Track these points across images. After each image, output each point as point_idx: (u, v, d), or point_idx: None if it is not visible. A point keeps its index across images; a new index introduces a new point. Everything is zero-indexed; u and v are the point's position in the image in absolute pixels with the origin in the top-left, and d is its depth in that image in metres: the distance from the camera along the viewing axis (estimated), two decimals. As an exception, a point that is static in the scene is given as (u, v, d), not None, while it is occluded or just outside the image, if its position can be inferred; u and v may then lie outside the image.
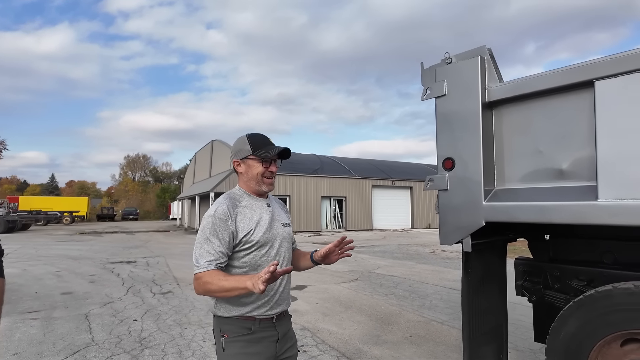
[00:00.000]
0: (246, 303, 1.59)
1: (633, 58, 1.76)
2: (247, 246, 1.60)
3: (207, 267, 1.50)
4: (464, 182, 2.35)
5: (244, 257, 1.61)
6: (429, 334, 4.41)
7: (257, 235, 1.61)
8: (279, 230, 1.71)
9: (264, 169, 1.67)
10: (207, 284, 1.47)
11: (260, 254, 1.63)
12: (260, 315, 1.61)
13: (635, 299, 1.88)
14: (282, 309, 1.69)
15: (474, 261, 2.48)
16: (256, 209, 1.67)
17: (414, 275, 8.38)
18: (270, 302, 1.64)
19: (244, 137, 1.70)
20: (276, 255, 1.67)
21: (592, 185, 1.88)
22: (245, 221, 1.61)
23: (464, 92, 2.34)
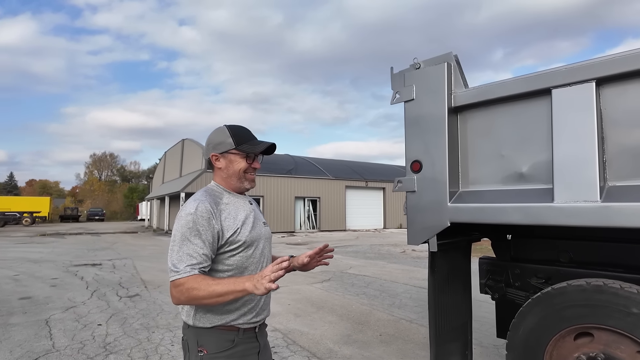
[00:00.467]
0: (231, 310, 1.45)
1: (585, 69, 1.87)
2: (233, 247, 1.46)
3: (190, 272, 1.33)
4: (431, 184, 2.42)
5: (230, 259, 1.47)
6: (398, 333, 4.50)
7: (244, 234, 1.49)
8: (262, 229, 1.61)
9: (247, 165, 1.54)
10: (192, 291, 1.30)
11: (246, 255, 1.50)
12: (244, 324, 1.48)
13: (586, 295, 1.99)
14: (265, 315, 1.58)
15: (439, 260, 2.55)
16: (239, 206, 1.55)
17: (385, 274, 8.51)
18: (256, 308, 1.52)
19: (224, 129, 1.55)
20: (261, 256, 1.57)
21: (549, 187, 1.99)
22: (230, 220, 1.48)
23: (431, 97, 2.41)
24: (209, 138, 1.58)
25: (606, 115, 1.86)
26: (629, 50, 1.80)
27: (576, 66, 1.91)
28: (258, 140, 1.58)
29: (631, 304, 1.85)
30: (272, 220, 22.30)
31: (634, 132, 1.80)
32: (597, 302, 1.95)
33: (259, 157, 1.59)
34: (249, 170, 1.55)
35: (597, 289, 1.96)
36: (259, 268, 1.54)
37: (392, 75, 2.63)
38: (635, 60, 1.75)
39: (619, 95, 1.83)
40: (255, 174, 1.59)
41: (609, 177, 1.85)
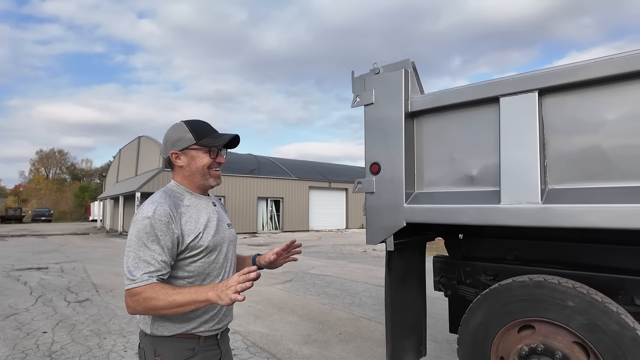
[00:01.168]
0: (192, 318, 1.38)
1: (529, 79, 2.01)
2: (194, 252, 1.38)
3: (147, 280, 1.25)
4: (388, 185, 2.49)
5: (190, 266, 1.39)
6: (357, 331, 4.58)
7: (206, 239, 1.40)
8: (226, 232, 1.52)
9: (211, 160, 1.46)
10: (150, 300, 1.23)
11: (209, 261, 1.42)
12: (206, 332, 1.41)
13: (529, 290, 2.14)
14: (228, 321, 1.52)
15: (396, 259, 2.64)
16: (202, 208, 1.46)
17: (346, 274, 8.64)
18: (218, 315, 1.45)
19: (182, 125, 1.47)
20: (224, 261, 1.49)
21: (496, 190, 2.11)
22: (191, 223, 1.39)
23: (389, 102, 2.49)
24: (167, 135, 1.49)
25: (547, 123, 2.00)
26: (568, 64, 1.95)
27: (521, 76, 2.05)
28: (220, 133, 1.50)
29: (567, 297, 2.00)
30: (234, 221, 21.83)
31: (571, 139, 1.95)
32: (538, 296, 2.09)
33: (222, 151, 1.51)
34: (213, 166, 1.47)
35: (538, 284, 2.11)
36: (223, 273, 1.48)
37: (353, 79, 2.68)
38: (573, 73, 1.90)
39: (559, 105, 1.98)
40: (220, 170, 1.51)
41: (549, 180, 1.99)
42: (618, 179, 1.82)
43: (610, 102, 1.84)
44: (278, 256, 1.61)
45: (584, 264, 2.41)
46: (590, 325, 1.92)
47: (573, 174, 1.93)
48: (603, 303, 1.92)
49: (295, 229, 24.95)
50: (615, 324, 1.87)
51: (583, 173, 1.90)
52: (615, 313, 1.88)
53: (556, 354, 2.00)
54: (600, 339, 1.90)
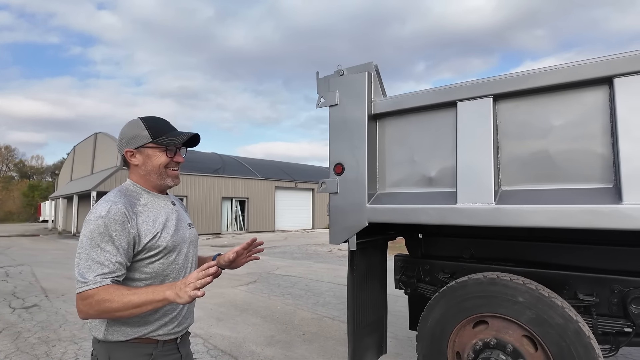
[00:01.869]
0: (149, 321, 1.33)
1: (485, 85, 2.11)
2: (152, 253, 1.33)
3: (101, 282, 1.19)
4: (352, 186, 2.52)
5: (148, 267, 1.34)
6: (321, 330, 4.60)
7: (165, 239, 1.36)
8: (186, 232, 1.48)
9: (168, 159, 1.41)
10: (103, 303, 1.17)
11: (168, 262, 1.37)
12: (164, 335, 1.36)
13: (483, 287, 2.24)
14: (188, 323, 1.47)
15: (358, 259, 2.68)
16: (160, 207, 1.42)
17: (311, 274, 8.65)
18: (178, 317, 1.40)
19: (138, 121, 1.41)
20: (185, 262, 1.44)
21: (453, 191, 2.19)
22: (148, 223, 1.34)
23: (353, 103, 2.52)
24: (122, 132, 1.43)
25: (501, 127, 2.10)
26: (521, 72, 2.06)
27: (477, 82, 2.14)
28: (178, 131, 1.45)
29: (518, 293, 2.11)
30: (196, 221, 21.37)
31: (522, 143, 2.06)
32: (491, 293, 2.19)
33: (181, 149, 1.46)
34: (170, 165, 1.42)
35: (491, 281, 2.21)
36: (183, 274, 1.44)
37: (318, 80, 2.69)
38: (525, 80, 2.01)
39: (512, 110, 2.09)
40: (178, 169, 1.46)
41: (502, 182, 2.10)
42: (563, 182, 1.95)
43: (557, 109, 1.96)
44: (238, 255, 1.58)
45: (533, 261, 2.55)
46: (538, 319, 2.04)
47: (523, 177, 2.04)
48: (549, 298, 2.04)
49: (260, 230, 24.69)
50: (560, 317, 1.99)
51: (532, 175, 2.02)
52: (560, 307, 2.01)
53: (507, 347, 2.11)
54: (546, 332, 2.01)
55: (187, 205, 21.17)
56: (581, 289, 2.29)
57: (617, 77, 1.77)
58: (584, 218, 1.79)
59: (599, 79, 1.82)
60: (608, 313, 2.25)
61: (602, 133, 1.84)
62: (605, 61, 1.79)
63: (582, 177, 1.90)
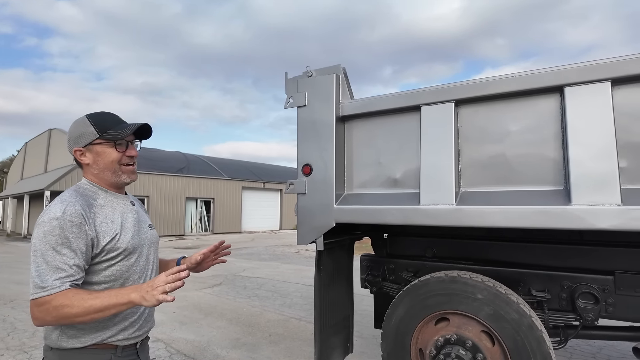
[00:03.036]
0: (108, 326, 1.27)
1: (446, 90, 2.19)
2: (111, 255, 1.28)
3: (59, 287, 1.13)
4: (319, 186, 2.54)
5: (107, 270, 1.28)
6: (287, 332, 4.59)
7: (124, 241, 1.31)
8: (147, 233, 1.43)
9: (119, 154, 1.34)
10: (62, 309, 1.12)
11: (128, 264, 1.32)
12: (124, 340, 1.31)
13: (445, 285, 2.32)
14: (149, 327, 1.42)
15: (325, 259, 2.69)
16: (117, 207, 1.36)
17: (278, 275, 8.60)
18: (139, 321, 1.34)
19: (84, 119, 1.35)
20: (146, 265, 1.40)
21: (417, 192, 2.26)
22: (106, 224, 1.29)
23: (321, 105, 2.54)
24: (69, 131, 1.37)
25: (462, 131, 2.19)
26: (480, 78, 2.16)
27: (440, 87, 2.22)
28: (127, 124, 1.39)
29: (477, 291, 2.21)
30: (159, 222, 20.66)
31: (482, 146, 2.16)
32: (452, 290, 2.28)
33: (134, 143, 1.40)
34: (124, 160, 1.36)
35: (452, 279, 2.30)
36: (144, 277, 1.40)
37: (286, 80, 2.69)
38: (484, 87, 2.11)
39: (472, 115, 2.18)
40: (134, 164, 1.40)
41: (462, 184, 2.18)
42: (519, 184, 2.05)
43: (514, 114, 2.06)
44: (205, 257, 1.54)
45: (491, 259, 2.67)
46: (495, 315, 2.14)
47: (482, 179, 2.13)
48: (506, 294, 2.15)
49: (227, 231, 24.25)
50: (515, 312, 2.10)
51: (490, 178, 2.11)
52: (515, 303, 2.12)
53: (467, 342, 2.19)
54: (503, 327, 2.12)
55: (148, 206, 20.43)
56: (535, 286, 2.43)
57: (567, 87, 1.89)
58: (537, 218, 1.90)
59: (551, 88, 1.94)
60: (558, 308, 2.39)
61: (554, 138, 1.96)
62: (556, 71, 1.91)
63: (536, 180, 2.01)
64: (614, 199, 1.75)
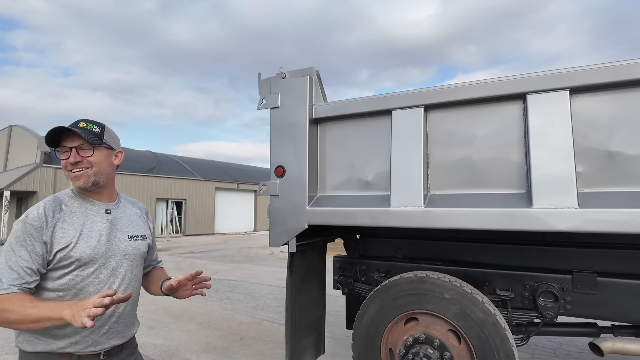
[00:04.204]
0: (59, 336, 1.25)
1: (416, 95, 2.24)
2: (63, 264, 1.25)
3: (7, 290, 1.14)
4: (292, 188, 2.54)
5: (60, 279, 1.26)
6: (260, 334, 4.55)
7: (79, 250, 1.27)
8: (121, 244, 1.39)
9: (63, 160, 1.34)
10: (2, 313, 1.12)
11: (82, 275, 1.28)
12: (79, 352, 1.27)
13: (414, 285, 2.36)
14: (114, 343, 1.35)
15: (298, 261, 2.70)
16: (88, 215, 1.34)
17: (252, 277, 8.52)
18: (93, 336, 1.30)
19: None
20: (110, 277, 1.34)
21: (387, 194, 2.30)
22: (67, 231, 1.27)
23: (294, 107, 2.54)
24: None
25: (431, 135, 2.25)
26: (449, 84, 2.22)
27: (410, 92, 2.27)
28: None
29: (444, 290, 2.27)
30: (128, 223, 19.98)
31: (450, 150, 2.22)
32: (421, 290, 2.33)
33: (80, 150, 1.34)
34: (68, 167, 1.35)
35: (421, 279, 2.35)
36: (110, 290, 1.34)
37: (260, 81, 2.68)
38: (452, 92, 2.17)
39: (441, 120, 2.24)
40: (81, 170, 1.33)
41: (431, 186, 2.24)
42: (485, 187, 2.13)
43: (481, 120, 2.14)
44: (181, 285, 1.47)
45: (459, 260, 2.75)
46: (462, 314, 2.20)
47: (450, 182, 2.20)
48: (472, 294, 2.22)
49: (199, 232, 23.79)
50: (480, 311, 2.17)
51: (458, 181, 2.18)
52: (480, 302, 2.19)
53: (434, 341, 2.25)
54: (469, 326, 2.18)
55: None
56: (499, 285, 2.52)
57: (529, 94, 1.97)
58: (501, 220, 1.97)
59: (515, 95, 2.02)
60: (521, 306, 2.49)
61: (517, 143, 2.04)
62: (520, 79, 2.00)
63: (501, 183, 2.09)
64: (571, 202, 1.85)
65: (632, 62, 1.80)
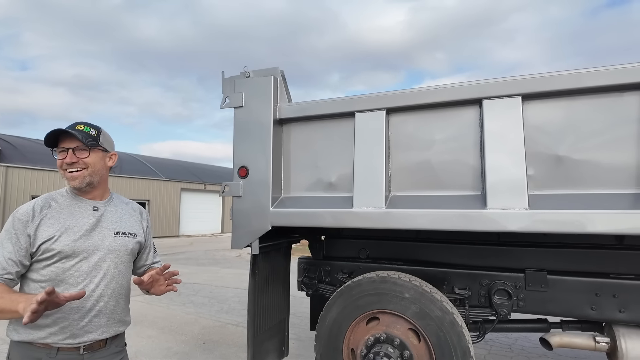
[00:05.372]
0: (40, 326, 1.30)
1: (379, 98, 2.28)
2: (46, 256, 1.34)
3: None
4: (256, 189, 2.51)
5: (44, 269, 1.34)
6: (223, 338, 4.46)
7: (62, 243, 1.35)
8: (105, 240, 1.45)
9: (59, 160, 1.42)
10: None
11: (64, 267, 1.35)
12: (58, 343, 1.32)
13: (376, 285, 2.40)
14: (94, 337, 1.39)
15: (261, 263, 2.67)
16: (74, 211, 1.42)
17: (217, 280, 8.34)
18: (71, 328, 1.34)
19: None
20: (92, 271, 1.39)
21: (350, 196, 2.32)
22: (49, 225, 1.36)
23: (258, 106, 2.52)
24: None
25: (392, 138, 2.29)
26: (410, 89, 2.27)
27: (373, 95, 2.30)
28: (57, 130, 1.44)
29: (405, 290, 2.31)
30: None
31: (410, 153, 2.27)
32: (382, 290, 2.36)
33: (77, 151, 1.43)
34: (64, 167, 1.42)
35: (382, 279, 2.38)
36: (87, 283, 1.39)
37: (223, 79, 2.63)
38: (412, 97, 2.22)
39: (402, 123, 2.29)
40: (73, 170, 1.42)
41: (392, 188, 2.28)
42: (443, 189, 2.19)
43: (439, 124, 2.20)
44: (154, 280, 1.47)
45: (420, 260, 2.82)
46: (421, 313, 2.25)
47: (410, 184, 2.25)
48: (430, 293, 2.27)
49: (163, 235, 23.04)
50: (439, 310, 2.23)
51: (418, 183, 2.23)
52: (439, 301, 2.25)
53: (395, 340, 2.29)
54: (427, 324, 2.24)
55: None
56: (457, 284, 2.60)
57: (485, 99, 2.05)
58: (458, 221, 2.04)
59: (472, 100, 2.10)
60: (477, 304, 2.58)
61: (474, 147, 2.12)
62: (476, 85, 2.07)
63: (458, 185, 2.16)
64: (522, 203, 1.94)
65: (577, 71, 1.92)
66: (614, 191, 1.89)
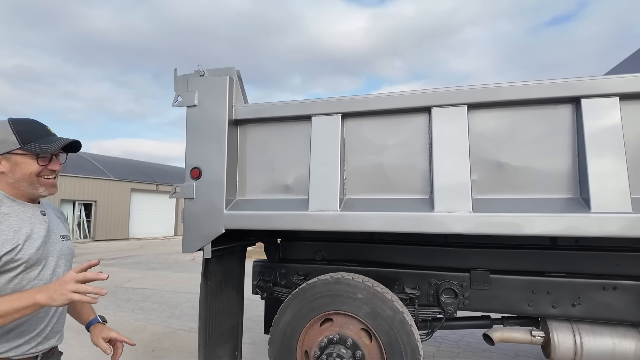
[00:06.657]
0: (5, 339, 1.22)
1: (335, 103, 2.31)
2: (9, 267, 1.22)
3: None
4: (209, 191, 2.45)
5: (9, 284, 1.22)
6: (174, 345, 4.30)
7: (27, 252, 1.25)
8: (57, 245, 1.39)
9: (40, 167, 1.31)
10: None
11: (29, 278, 1.27)
12: (18, 356, 1.24)
13: (330, 287, 2.42)
14: (52, 344, 1.35)
15: (214, 267, 2.61)
16: (25, 217, 1.30)
17: (168, 285, 8.03)
18: (37, 338, 1.28)
19: (6, 125, 1.29)
20: (52, 277, 1.34)
21: (306, 198, 2.33)
22: (8, 233, 1.23)
23: (213, 106, 2.46)
24: None
25: (347, 142, 2.33)
26: (364, 95, 2.33)
27: (329, 100, 2.34)
28: (54, 137, 1.35)
29: (357, 291, 2.36)
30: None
31: (364, 157, 2.33)
32: (336, 291, 2.40)
33: (60, 155, 1.39)
34: (44, 174, 1.33)
35: (336, 281, 2.42)
36: None
37: (176, 77, 2.55)
38: (367, 102, 2.28)
39: (356, 128, 2.34)
40: (55, 177, 1.37)
41: (347, 191, 2.32)
42: (395, 192, 2.26)
43: (391, 129, 2.27)
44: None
45: (373, 261, 2.89)
46: (373, 313, 2.31)
47: (364, 187, 2.30)
48: (382, 293, 2.34)
49: (111, 237, 21.81)
50: (389, 310, 2.29)
51: (371, 186, 2.29)
52: (390, 301, 2.32)
53: (347, 341, 2.32)
54: (379, 324, 2.30)
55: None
56: (408, 284, 2.69)
57: (434, 107, 2.15)
58: (407, 223, 2.11)
59: (421, 108, 2.19)
60: (426, 303, 2.69)
61: (423, 152, 2.21)
62: (425, 93, 2.17)
63: (409, 189, 2.24)
64: (467, 207, 2.05)
65: (518, 83, 2.06)
66: (549, 196, 2.05)
